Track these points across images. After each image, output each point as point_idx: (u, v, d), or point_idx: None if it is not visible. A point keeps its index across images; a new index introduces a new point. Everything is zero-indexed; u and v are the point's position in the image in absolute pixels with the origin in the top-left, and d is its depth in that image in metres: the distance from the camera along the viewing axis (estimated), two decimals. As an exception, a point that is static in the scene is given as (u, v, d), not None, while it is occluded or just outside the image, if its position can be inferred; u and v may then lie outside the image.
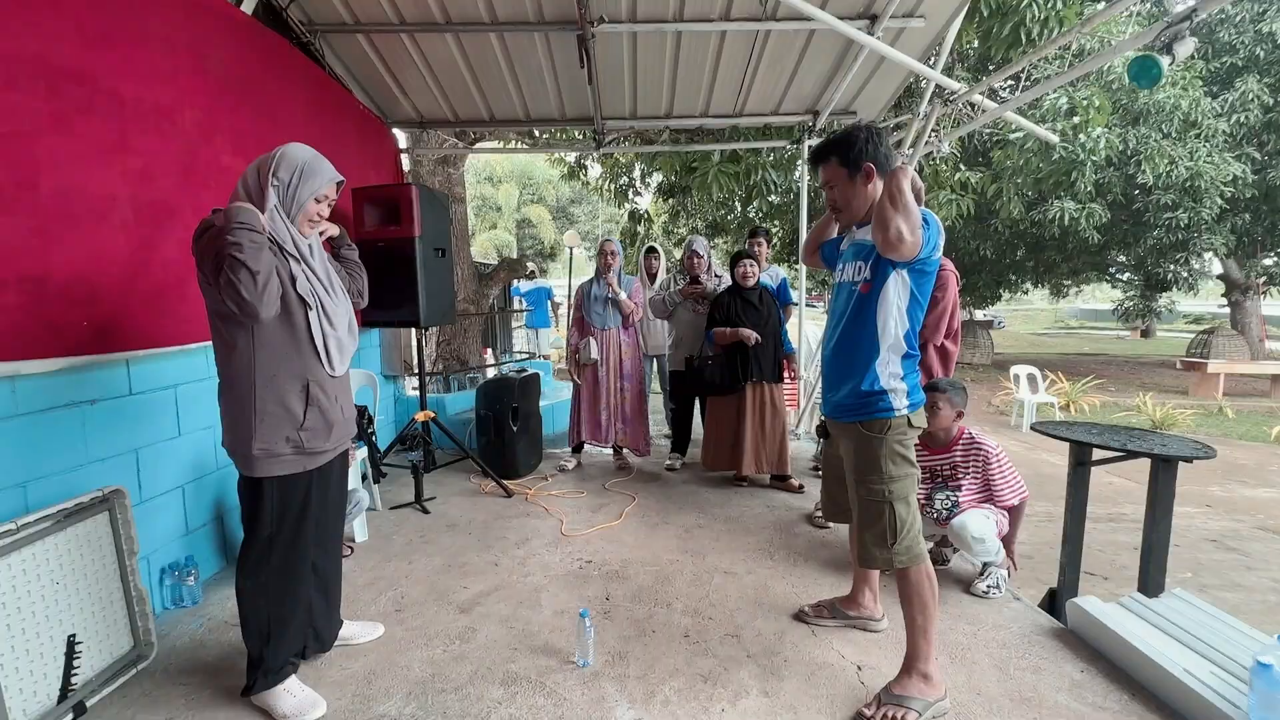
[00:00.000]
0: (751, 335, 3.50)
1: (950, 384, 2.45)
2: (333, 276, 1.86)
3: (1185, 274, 12.08)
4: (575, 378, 4.01)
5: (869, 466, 1.70)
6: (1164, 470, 2.23)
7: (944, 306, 2.61)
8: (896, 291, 1.66)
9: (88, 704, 1.78)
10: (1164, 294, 13.79)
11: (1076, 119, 6.35)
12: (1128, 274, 14.49)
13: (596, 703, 1.78)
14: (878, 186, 1.66)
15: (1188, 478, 5.24)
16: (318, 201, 1.75)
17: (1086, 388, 9.42)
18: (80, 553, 1.82)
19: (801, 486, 3.61)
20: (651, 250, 4.62)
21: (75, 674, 1.77)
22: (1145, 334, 24.69)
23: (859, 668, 1.94)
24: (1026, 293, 18.41)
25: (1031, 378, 8.03)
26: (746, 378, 3.55)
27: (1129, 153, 8.72)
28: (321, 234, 1.89)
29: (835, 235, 1.98)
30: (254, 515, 1.72)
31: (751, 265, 3.61)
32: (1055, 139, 4.30)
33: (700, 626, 2.18)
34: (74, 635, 1.78)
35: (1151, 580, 2.27)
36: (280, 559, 1.75)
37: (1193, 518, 4.65)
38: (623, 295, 3.89)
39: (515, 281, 11.57)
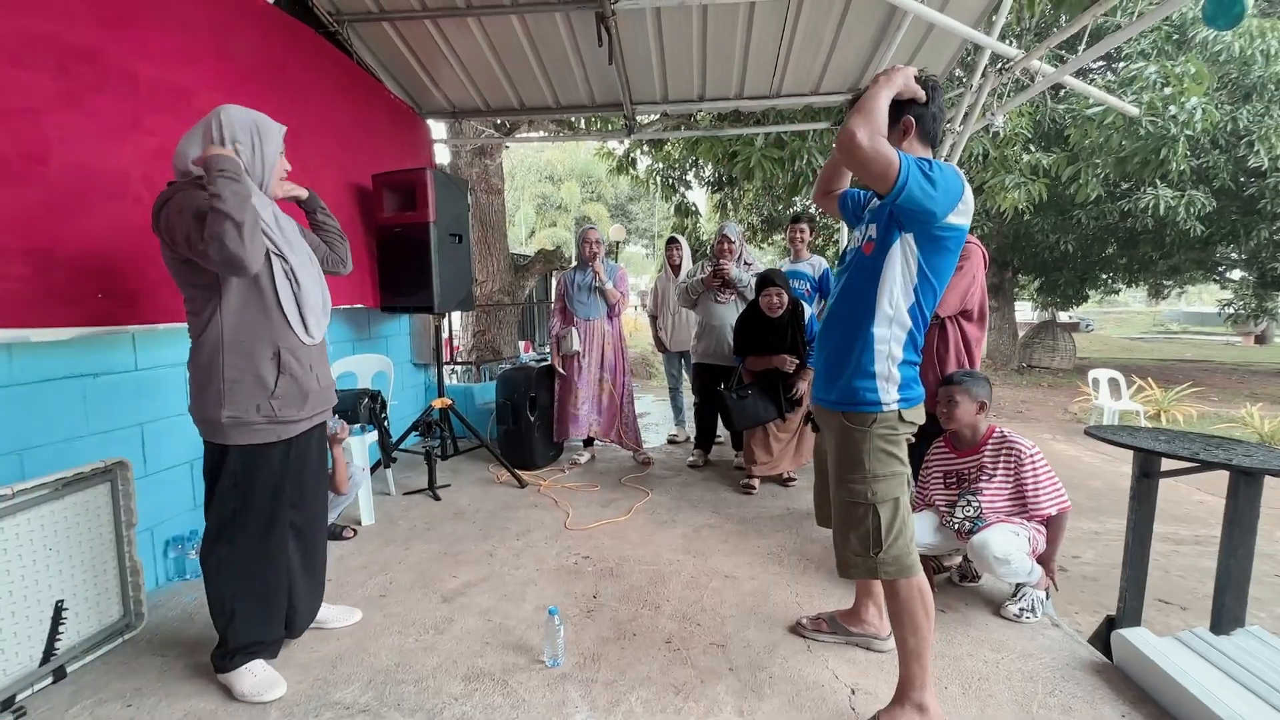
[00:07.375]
0: (788, 361, 3.32)
1: (967, 375, 2.18)
2: (299, 241, 1.80)
3: (1310, 271, 10.65)
4: (559, 368, 3.90)
5: (851, 463, 1.50)
6: (1245, 485, 1.88)
7: (960, 278, 2.37)
8: (903, 258, 1.44)
9: (68, 669, 1.82)
10: (1282, 293, 12.28)
11: (1169, 90, 5.61)
12: (1238, 271, 12.96)
13: (555, 707, 1.66)
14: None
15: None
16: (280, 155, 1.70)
17: (1181, 396, 8.48)
18: (77, 521, 1.86)
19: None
20: (673, 241, 4.51)
21: (59, 639, 1.81)
22: (1260, 340, 22.17)
23: (853, 691, 1.72)
24: (1118, 293, 16.84)
25: (1114, 382, 7.29)
26: (791, 406, 3.39)
27: (1239, 133, 7.73)
28: (290, 195, 1.86)
29: (850, 186, 1.77)
30: (219, 487, 1.68)
31: (779, 295, 3.28)
32: (1135, 110, 3.79)
33: (685, 633, 2.02)
34: (62, 601, 1.82)
35: (1226, 612, 1.92)
36: (249, 536, 1.71)
37: (1302, 542, 4.04)
38: (609, 284, 3.78)
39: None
